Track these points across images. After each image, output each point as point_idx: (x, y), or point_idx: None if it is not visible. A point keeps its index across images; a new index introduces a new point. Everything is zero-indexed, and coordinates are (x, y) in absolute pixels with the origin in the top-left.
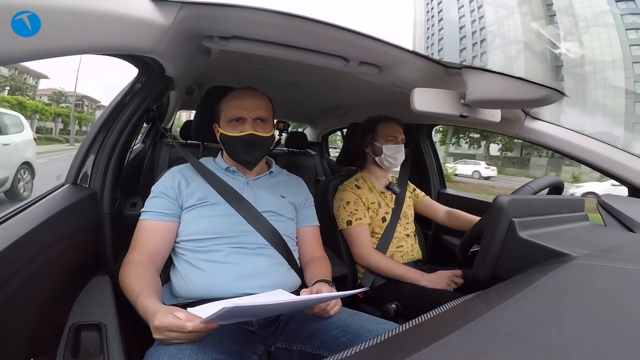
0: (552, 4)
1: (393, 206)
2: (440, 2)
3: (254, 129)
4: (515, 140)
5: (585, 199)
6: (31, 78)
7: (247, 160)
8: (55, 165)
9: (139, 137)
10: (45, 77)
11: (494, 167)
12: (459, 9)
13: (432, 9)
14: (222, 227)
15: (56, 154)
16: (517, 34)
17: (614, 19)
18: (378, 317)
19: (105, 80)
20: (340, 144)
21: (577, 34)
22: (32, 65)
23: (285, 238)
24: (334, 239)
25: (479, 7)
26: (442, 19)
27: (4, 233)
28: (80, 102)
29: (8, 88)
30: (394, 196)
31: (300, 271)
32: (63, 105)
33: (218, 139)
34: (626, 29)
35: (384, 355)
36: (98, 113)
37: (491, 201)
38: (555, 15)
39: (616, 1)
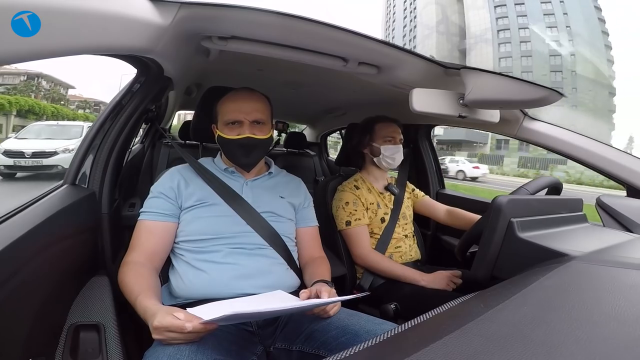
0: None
1: (392, 207)
2: (395, 21)
3: (251, 131)
4: None
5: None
6: (62, 88)
7: (245, 163)
8: None
9: (138, 138)
10: (72, 87)
11: (484, 165)
12: (403, 27)
13: (389, 26)
14: (221, 227)
15: None
16: (432, 51)
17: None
18: (377, 318)
19: (109, 82)
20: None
21: (475, 49)
22: (61, 76)
23: (285, 238)
24: (333, 239)
25: (414, 27)
26: (394, 37)
27: (2, 233)
28: (98, 107)
29: (61, 100)
30: (392, 197)
31: (299, 271)
32: (88, 110)
33: (216, 140)
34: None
35: (383, 355)
36: None
37: (490, 201)
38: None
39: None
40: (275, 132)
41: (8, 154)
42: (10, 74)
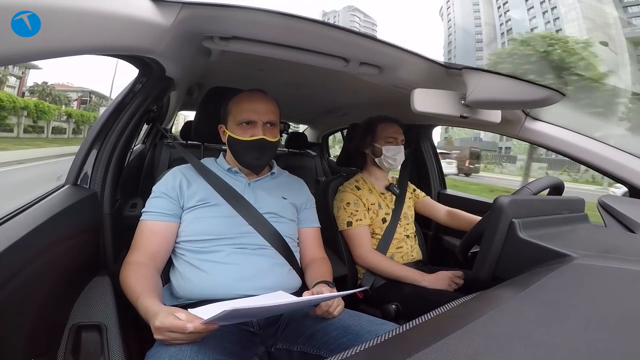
0: None
1: (393, 207)
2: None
3: (264, 133)
4: None
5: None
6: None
7: (254, 165)
8: None
9: (139, 138)
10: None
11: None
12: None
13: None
14: (223, 228)
15: None
16: None
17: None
18: (378, 318)
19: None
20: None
21: None
22: (106, 92)
23: (287, 239)
24: (334, 239)
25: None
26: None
27: (4, 234)
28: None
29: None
30: (394, 197)
31: (301, 272)
32: None
33: (225, 140)
34: None
35: (384, 355)
36: None
37: (491, 202)
38: None
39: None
40: None
41: None
42: (70, 90)
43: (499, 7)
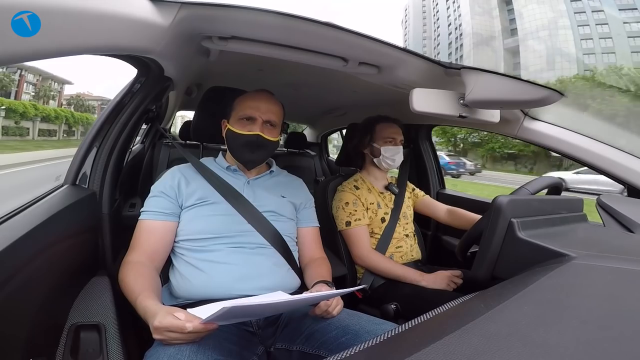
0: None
1: (392, 206)
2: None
3: (261, 130)
4: None
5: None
6: None
7: (248, 159)
8: None
9: (138, 138)
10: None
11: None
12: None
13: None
14: (221, 226)
15: None
16: None
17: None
18: (377, 318)
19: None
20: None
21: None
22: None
23: (286, 238)
24: (334, 239)
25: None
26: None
27: (2, 234)
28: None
29: None
30: (393, 196)
31: (299, 272)
32: None
33: (224, 134)
34: None
35: (383, 355)
36: None
37: (490, 201)
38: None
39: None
40: None
41: None
42: (92, 99)
43: (434, 23)
